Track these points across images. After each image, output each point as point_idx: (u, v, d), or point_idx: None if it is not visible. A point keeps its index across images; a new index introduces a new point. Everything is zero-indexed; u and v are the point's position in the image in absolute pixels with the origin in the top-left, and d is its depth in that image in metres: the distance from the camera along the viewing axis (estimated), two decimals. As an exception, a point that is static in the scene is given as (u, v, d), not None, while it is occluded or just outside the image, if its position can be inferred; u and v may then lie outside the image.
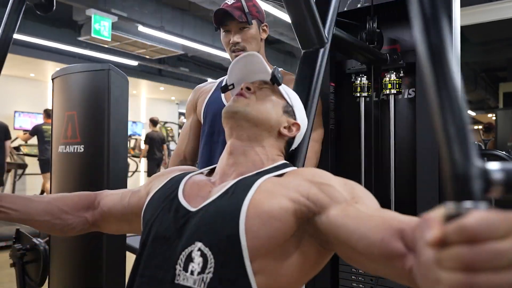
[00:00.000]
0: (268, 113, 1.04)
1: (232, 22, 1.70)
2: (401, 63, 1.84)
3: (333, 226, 0.78)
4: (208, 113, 1.78)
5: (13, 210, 1.10)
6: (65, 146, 2.59)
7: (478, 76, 10.27)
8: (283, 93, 1.11)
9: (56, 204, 1.14)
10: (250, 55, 1.12)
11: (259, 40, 1.78)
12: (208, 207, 0.90)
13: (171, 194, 0.98)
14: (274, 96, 1.09)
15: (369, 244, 0.71)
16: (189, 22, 7.59)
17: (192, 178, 1.04)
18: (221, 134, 1.69)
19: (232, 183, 0.92)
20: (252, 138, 1.03)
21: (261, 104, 1.05)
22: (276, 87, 1.11)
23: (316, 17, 1.32)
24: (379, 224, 0.73)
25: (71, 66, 2.66)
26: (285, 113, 1.08)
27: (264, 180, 0.90)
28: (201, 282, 0.80)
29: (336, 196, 0.82)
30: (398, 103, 1.92)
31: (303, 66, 1.41)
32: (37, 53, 7.63)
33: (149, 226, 0.96)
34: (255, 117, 1.02)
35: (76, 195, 1.18)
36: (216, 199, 0.90)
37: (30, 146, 7.53)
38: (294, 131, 1.09)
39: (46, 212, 1.12)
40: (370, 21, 1.85)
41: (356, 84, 1.96)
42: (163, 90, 11.56)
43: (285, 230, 0.82)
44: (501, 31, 6.66)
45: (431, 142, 1.70)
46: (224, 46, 1.78)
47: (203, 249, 0.82)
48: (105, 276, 2.44)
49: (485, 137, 6.43)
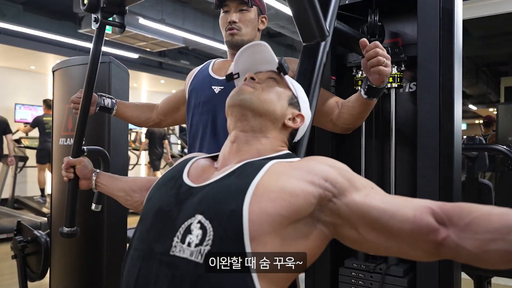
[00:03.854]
0: (273, 103, 1.04)
1: (233, 2, 1.73)
2: (403, 57, 1.84)
3: (360, 208, 0.82)
4: (195, 86, 1.81)
5: (104, 185, 1.49)
6: (66, 138, 2.60)
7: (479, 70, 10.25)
8: (289, 84, 1.11)
9: (129, 184, 1.41)
10: (258, 44, 1.12)
11: (256, 27, 1.80)
12: (213, 184, 0.90)
13: (176, 175, 1.00)
14: (279, 87, 1.09)
15: (402, 221, 0.79)
16: (190, 15, 7.56)
17: (197, 162, 1.05)
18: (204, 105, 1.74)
19: (238, 165, 0.93)
20: (256, 129, 1.03)
21: (266, 94, 1.05)
22: (282, 78, 1.11)
23: (317, 10, 1.33)
24: (407, 204, 0.81)
25: (72, 58, 2.67)
26: (290, 105, 1.08)
27: (274, 163, 0.91)
28: (198, 254, 0.80)
29: (355, 181, 0.86)
30: (399, 97, 1.92)
31: (304, 59, 1.41)
32: (37, 46, 7.60)
33: (150, 202, 0.98)
34: (260, 107, 1.02)
35: (145, 179, 1.42)
36: (222, 178, 0.91)
37: (31, 139, 7.55)
38: (299, 123, 1.09)
39: (122, 189, 1.42)
40: (371, 14, 1.84)
41: (357, 78, 1.95)
42: (163, 83, 11.54)
43: (297, 208, 0.82)
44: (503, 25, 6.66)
45: (432, 136, 1.71)
46: (221, 27, 1.80)
47: (204, 221, 0.82)
48: (106, 267, 2.46)
49: (485, 132, 6.42)
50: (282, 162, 0.93)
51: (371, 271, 1.87)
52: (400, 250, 0.82)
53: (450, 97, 1.70)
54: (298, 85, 1.17)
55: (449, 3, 1.71)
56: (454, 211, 0.78)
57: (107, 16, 1.55)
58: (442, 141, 1.69)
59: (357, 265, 1.92)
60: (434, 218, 0.78)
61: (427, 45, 1.73)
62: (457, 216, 0.77)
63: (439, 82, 1.70)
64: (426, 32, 1.73)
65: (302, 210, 0.83)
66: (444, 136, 1.69)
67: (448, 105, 1.70)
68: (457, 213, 0.77)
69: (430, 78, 1.72)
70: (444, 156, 1.69)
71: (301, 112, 1.11)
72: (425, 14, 1.74)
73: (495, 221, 0.73)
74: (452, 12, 1.71)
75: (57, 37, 7.43)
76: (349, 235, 0.86)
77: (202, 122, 1.73)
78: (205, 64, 1.88)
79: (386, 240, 0.82)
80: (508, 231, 0.71)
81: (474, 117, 16.02)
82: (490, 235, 0.73)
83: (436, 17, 1.71)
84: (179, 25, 7.28)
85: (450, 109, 1.70)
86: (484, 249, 0.73)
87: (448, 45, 1.71)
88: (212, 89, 1.72)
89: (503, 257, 0.72)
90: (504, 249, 0.71)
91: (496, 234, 0.72)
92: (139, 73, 9.93)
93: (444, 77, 1.70)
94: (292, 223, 0.82)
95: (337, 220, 0.85)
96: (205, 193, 0.89)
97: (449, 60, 1.70)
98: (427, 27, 1.73)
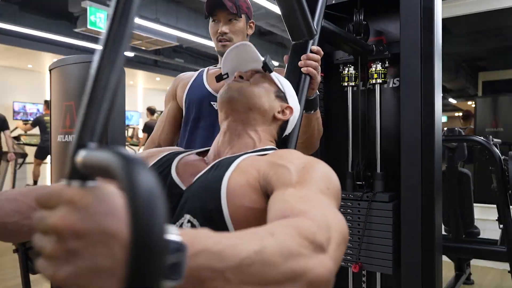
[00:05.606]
0: (262, 96, 1.08)
1: (223, 12, 1.76)
2: (387, 54, 1.92)
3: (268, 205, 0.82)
4: (192, 99, 1.82)
5: None
6: (64, 135, 2.65)
7: (459, 66, 10.42)
8: (274, 80, 1.14)
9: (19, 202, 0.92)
10: (243, 45, 1.16)
11: (245, 35, 1.84)
12: (196, 181, 0.94)
13: (162, 172, 1.00)
14: (266, 83, 1.11)
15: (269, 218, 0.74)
16: (183, 14, 7.60)
17: (184, 159, 1.06)
18: (204, 120, 1.76)
19: (218, 159, 0.97)
20: (246, 122, 1.06)
21: (254, 88, 1.08)
22: (268, 75, 1.15)
23: (305, 10, 1.38)
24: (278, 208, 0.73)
25: (68, 57, 2.71)
26: (277, 98, 1.11)
27: (244, 157, 0.94)
28: None
29: (284, 178, 0.83)
30: (384, 92, 2.01)
31: (293, 56, 1.47)
32: (34, 45, 7.63)
33: None
34: (249, 101, 1.06)
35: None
36: (203, 174, 0.94)
37: (30, 136, 7.65)
38: (288, 114, 1.12)
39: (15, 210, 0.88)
40: (357, 13, 1.93)
41: (344, 74, 2.04)
42: (159, 81, 11.58)
43: (260, 202, 0.86)
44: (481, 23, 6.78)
45: (414, 128, 1.79)
46: (211, 35, 1.84)
47: (192, 220, 0.87)
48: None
49: (463, 124, 6.54)
50: (253, 156, 0.96)
51: (358, 199, 1.96)
52: None
53: (431, 91, 1.79)
54: (285, 80, 1.21)
55: (429, 3, 1.80)
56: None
57: None
58: (424, 132, 1.78)
59: (346, 195, 2.01)
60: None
61: (409, 43, 1.82)
62: None
63: (421, 78, 1.79)
64: (408, 30, 1.82)
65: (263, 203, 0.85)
66: (426, 128, 1.78)
67: (429, 99, 1.79)
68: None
69: (412, 74, 1.81)
70: (425, 147, 1.78)
71: (289, 104, 1.14)
72: (407, 14, 1.82)
73: None
74: (432, 11, 1.80)
75: (53, 36, 7.45)
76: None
77: (201, 138, 1.77)
78: (199, 75, 1.89)
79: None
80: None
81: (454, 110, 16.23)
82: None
83: (417, 16, 1.80)
84: (173, 24, 7.32)
85: (431, 102, 1.79)
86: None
87: (429, 43, 1.79)
88: (212, 106, 1.76)
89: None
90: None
91: None
92: (135, 71, 9.97)
93: (425, 73, 1.79)
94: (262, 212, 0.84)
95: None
96: (190, 190, 0.92)
97: (430, 56, 1.79)
98: (409, 26, 1.82)
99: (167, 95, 2.00)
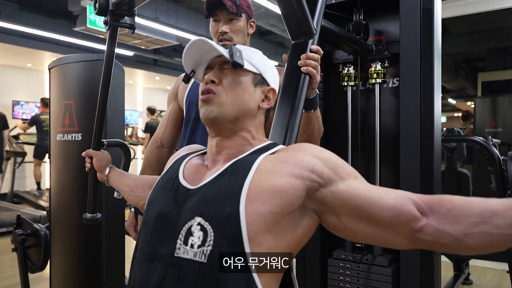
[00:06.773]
0: (243, 99, 1.02)
1: (223, 12, 1.75)
2: (386, 54, 1.92)
3: (343, 196, 0.86)
4: (192, 99, 1.83)
5: (113, 180, 1.57)
6: (63, 134, 2.65)
7: (458, 66, 10.45)
8: (246, 67, 1.04)
9: (134, 181, 1.46)
10: (197, 41, 1.03)
11: (246, 34, 1.83)
12: (209, 185, 0.93)
13: (173, 176, 1.03)
14: (240, 76, 1.04)
15: (383, 209, 0.83)
16: (183, 14, 7.60)
17: (190, 161, 1.07)
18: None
19: (229, 164, 0.95)
20: (236, 129, 1.03)
21: (233, 94, 1.02)
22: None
23: (305, 9, 1.36)
24: (389, 193, 0.85)
25: (67, 56, 2.70)
26: (256, 85, 1.06)
27: (262, 159, 0.93)
28: (201, 254, 0.84)
29: (339, 171, 0.89)
30: (383, 92, 2.01)
31: (293, 56, 1.46)
32: (33, 44, 7.62)
33: (151, 205, 1.01)
34: (234, 115, 1.01)
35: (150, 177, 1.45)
36: (216, 178, 0.93)
37: (29, 135, 7.67)
38: (272, 98, 1.08)
39: (127, 185, 1.47)
40: (356, 13, 1.93)
41: (343, 74, 2.04)
42: (158, 80, 11.58)
43: (288, 203, 0.86)
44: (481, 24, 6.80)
45: (414, 128, 1.80)
46: (211, 35, 1.82)
47: (203, 223, 0.86)
48: (105, 259, 2.52)
49: (463, 125, 6.55)
50: (269, 156, 0.95)
51: (357, 261, 1.98)
52: (378, 237, 0.85)
53: (430, 91, 1.79)
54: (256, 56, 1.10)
55: (429, 3, 1.80)
56: (434, 200, 0.82)
57: (118, 19, 1.59)
58: (423, 133, 1.78)
59: (345, 256, 2.02)
60: (414, 206, 0.81)
61: (409, 43, 1.82)
62: (437, 204, 0.80)
63: (420, 78, 1.79)
64: (408, 30, 1.82)
65: (294, 203, 0.87)
66: (425, 128, 1.79)
67: (429, 99, 1.79)
68: (438, 202, 0.81)
69: (411, 74, 1.81)
70: (425, 147, 1.78)
71: (270, 85, 1.09)
72: (407, 13, 1.82)
73: (477, 207, 0.76)
74: (432, 12, 1.80)
75: (53, 35, 7.45)
76: (332, 222, 0.90)
77: (202, 138, 1.76)
78: None
79: (366, 227, 0.85)
80: (491, 215, 0.74)
81: (453, 110, 16.33)
82: (473, 219, 0.75)
83: (417, 16, 1.80)
84: (173, 23, 7.32)
85: (430, 102, 1.79)
86: (466, 233, 0.76)
87: (428, 43, 1.80)
88: None
89: (484, 241, 0.75)
90: (486, 232, 0.74)
91: (479, 217, 0.75)
92: (134, 70, 9.96)
93: (425, 73, 1.79)
94: (285, 216, 0.87)
95: (322, 207, 0.89)
96: (201, 194, 0.92)
97: (429, 56, 1.79)
98: (408, 26, 1.82)
99: (169, 94, 2.01)
